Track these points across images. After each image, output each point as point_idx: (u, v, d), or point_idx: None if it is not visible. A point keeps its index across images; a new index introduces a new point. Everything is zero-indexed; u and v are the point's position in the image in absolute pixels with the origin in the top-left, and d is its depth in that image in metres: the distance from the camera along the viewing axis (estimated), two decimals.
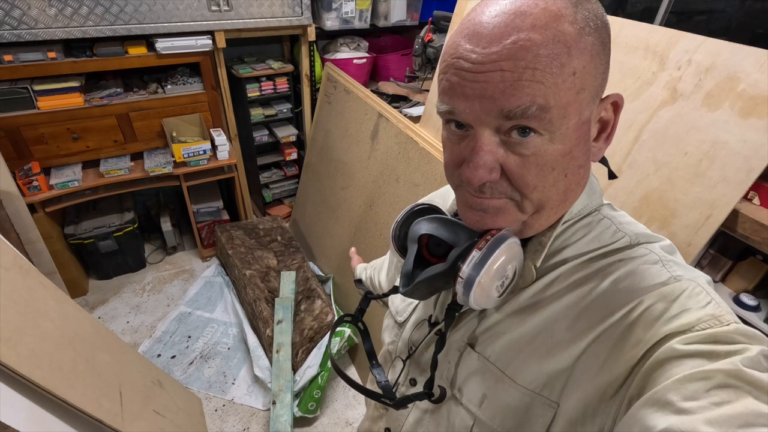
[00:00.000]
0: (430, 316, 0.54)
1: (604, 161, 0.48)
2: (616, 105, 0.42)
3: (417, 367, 0.56)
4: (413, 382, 0.56)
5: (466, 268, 0.40)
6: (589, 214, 0.46)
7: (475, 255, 0.40)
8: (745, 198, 1.42)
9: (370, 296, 0.56)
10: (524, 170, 0.38)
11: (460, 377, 0.49)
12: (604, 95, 0.41)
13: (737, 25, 2.49)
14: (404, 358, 0.57)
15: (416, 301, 0.59)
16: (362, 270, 0.93)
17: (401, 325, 0.60)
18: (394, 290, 0.51)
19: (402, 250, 0.52)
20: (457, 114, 0.39)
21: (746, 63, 0.83)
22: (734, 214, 1.35)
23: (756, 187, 1.40)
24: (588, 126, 0.40)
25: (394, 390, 0.53)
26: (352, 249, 1.04)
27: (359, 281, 0.63)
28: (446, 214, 0.49)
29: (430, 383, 0.49)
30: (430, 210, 0.52)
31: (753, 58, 0.82)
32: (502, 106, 0.35)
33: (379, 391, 0.52)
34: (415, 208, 0.52)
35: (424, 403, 0.54)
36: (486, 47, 0.35)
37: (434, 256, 0.48)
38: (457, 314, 0.48)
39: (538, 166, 0.38)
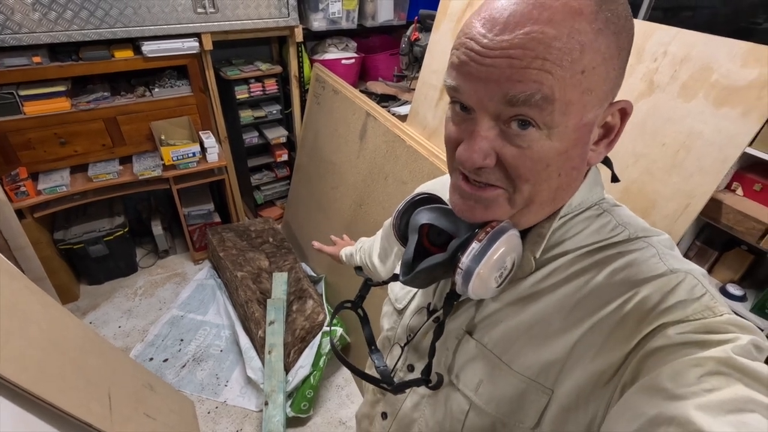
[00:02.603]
0: (429, 304, 0.55)
1: (609, 164, 0.48)
2: (624, 112, 0.41)
3: (415, 353, 0.57)
4: (411, 368, 0.57)
5: (465, 259, 0.41)
6: (590, 207, 0.46)
7: (474, 246, 0.41)
8: (729, 189, 1.44)
9: (370, 283, 0.57)
10: (519, 162, 0.38)
11: (458, 364, 0.50)
12: (615, 100, 0.40)
13: (721, 20, 2.52)
14: (402, 345, 0.58)
15: (416, 289, 0.59)
16: (349, 256, 0.93)
17: (400, 312, 0.61)
18: (395, 278, 0.52)
19: (403, 239, 0.53)
20: (461, 93, 0.39)
21: (719, 54, 0.84)
22: (718, 205, 1.37)
23: (739, 177, 1.42)
24: (589, 129, 0.39)
25: (392, 375, 0.53)
26: (316, 244, 1.05)
27: (359, 268, 0.64)
28: (447, 204, 0.50)
29: (427, 370, 0.50)
30: (431, 200, 0.53)
31: (725, 49, 0.83)
32: (506, 91, 0.35)
33: (378, 376, 0.52)
34: (416, 198, 0.53)
35: (422, 389, 0.55)
36: (498, 34, 0.35)
37: (435, 245, 0.49)
38: (455, 303, 0.49)
39: (533, 160, 0.38)
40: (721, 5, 2.52)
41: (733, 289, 1.51)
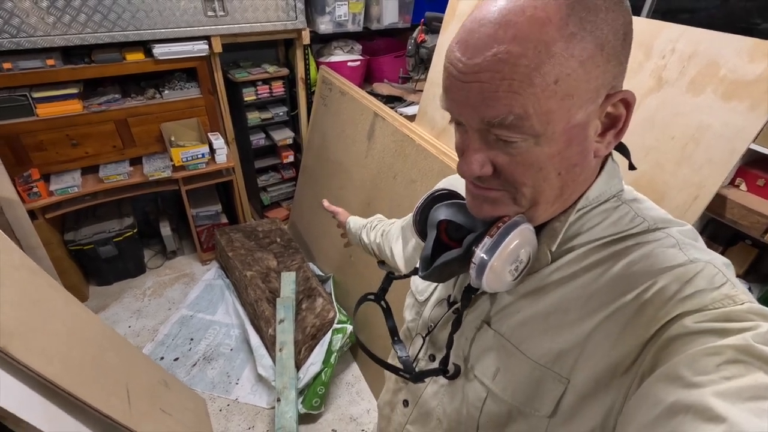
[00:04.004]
0: (449, 296, 0.56)
1: (626, 153, 0.48)
2: (627, 102, 0.41)
3: (435, 344, 0.59)
4: (432, 358, 0.59)
5: (478, 253, 0.42)
6: (608, 200, 0.46)
7: (486, 241, 0.42)
8: (732, 184, 1.47)
9: (392, 276, 0.58)
10: (512, 168, 0.40)
11: (476, 353, 0.51)
12: (616, 90, 0.40)
13: (720, 22, 2.56)
14: (424, 335, 0.59)
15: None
16: (359, 228, 0.95)
17: (422, 304, 0.62)
18: (415, 272, 0.54)
19: (422, 234, 0.54)
20: (452, 112, 0.41)
21: (726, 50, 0.87)
22: (723, 200, 1.40)
23: (743, 173, 1.45)
24: (583, 128, 0.39)
25: (414, 365, 0.55)
26: (325, 202, 1.07)
27: (382, 262, 0.65)
28: (465, 200, 0.51)
29: (445, 360, 0.51)
30: (450, 195, 0.54)
31: (732, 45, 0.87)
32: (482, 115, 0.37)
33: (400, 365, 0.54)
34: (435, 194, 0.55)
35: (442, 378, 0.56)
36: (470, 58, 0.36)
37: (453, 240, 0.51)
38: (473, 296, 0.51)
39: (525, 165, 0.39)
40: (719, 7, 2.57)
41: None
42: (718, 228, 1.59)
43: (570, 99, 0.36)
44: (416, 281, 0.66)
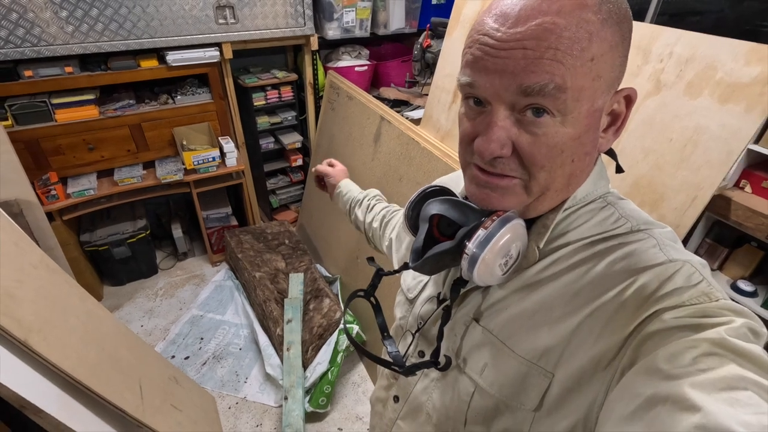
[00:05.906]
0: (439, 293, 0.58)
1: (613, 155, 0.50)
2: (629, 99, 0.43)
3: (425, 340, 0.60)
4: (421, 354, 0.60)
5: (471, 246, 0.43)
6: (594, 200, 0.47)
7: (480, 233, 0.43)
8: (737, 186, 1.47)
9: (381, 273, 0.59)
10: (535, 149, 0.40)
11: (465, 349, 0.52)
12: (619, 88, 0.43)
13: (728, 24, 2.56)
14: (414, 332, 0.61)
15: (426, 279, 0.62)
16: (353, 200, 0.93)
17: (412, 301, 0.64)
18: (405, 267, 0.54)
19: (414, 229, 0.55)
20: (477, 88, 0.41)
21: (722, 53, 0.89)
22: (727, 202, 1.41)
23: (747, 175, 1.46)
24: (599, 115, 0.41)
25: (404, 360, 0.56)
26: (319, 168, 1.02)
27: (371, 259, 0.67)
28: (457, 197, 0.53)
29: (436, 353, 0.52)
30: (442, 192, 0.55)
31: (728, 49, 0.88)
32: (521, 82, 0.37)
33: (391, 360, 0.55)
34: (428, 190, 0.56)
35: (431, 373, 0.58)
36: (511, 27, 0.37)
37: (444, 236, 0.51)
38: (462, 290, 0.52)
39: (548, 146, 0.40)
40: (728, 10, 2.56)
41: (744, 285, 1.53)
42: (723, 230, 1.59)
43: (599, 80, 0.39)
44: (406, 279, 0.67)
